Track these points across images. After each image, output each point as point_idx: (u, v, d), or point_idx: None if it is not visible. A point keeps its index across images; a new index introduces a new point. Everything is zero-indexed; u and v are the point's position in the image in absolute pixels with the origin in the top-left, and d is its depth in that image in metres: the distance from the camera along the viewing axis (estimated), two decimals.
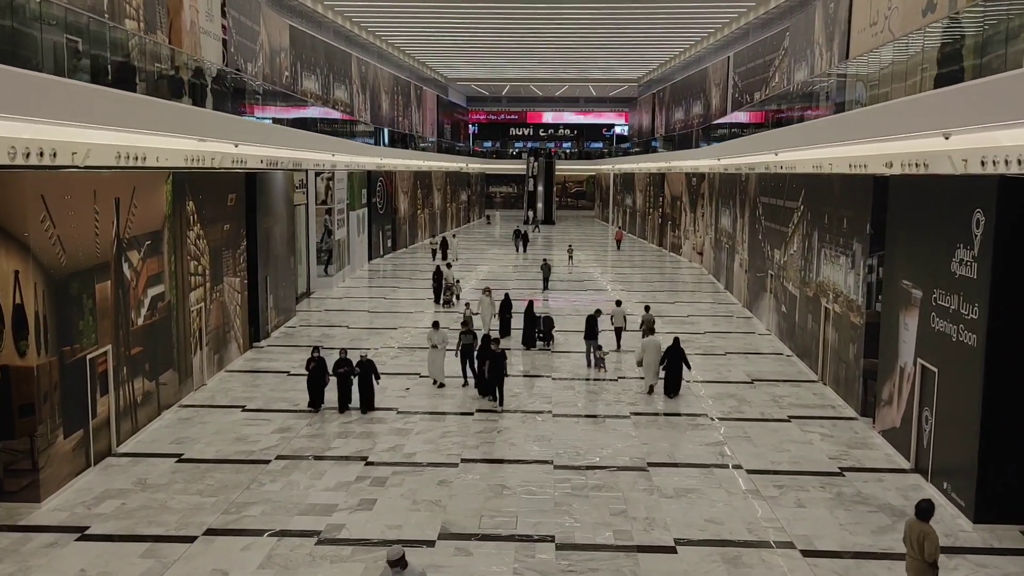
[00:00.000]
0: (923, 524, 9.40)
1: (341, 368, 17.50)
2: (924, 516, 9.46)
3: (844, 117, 19.24)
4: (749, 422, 17.08)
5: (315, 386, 17.57)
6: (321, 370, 17.53)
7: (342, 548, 11.38)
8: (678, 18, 45.48)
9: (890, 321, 15.90)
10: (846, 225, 18.57)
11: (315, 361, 17.53)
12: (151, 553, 11.14)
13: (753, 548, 11.51)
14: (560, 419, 17.14)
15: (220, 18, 30.19)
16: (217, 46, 28.20)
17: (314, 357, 17.61)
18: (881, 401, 16.19)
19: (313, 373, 17.53)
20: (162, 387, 16.92)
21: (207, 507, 12.61)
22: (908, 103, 15.16)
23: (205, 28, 27.98)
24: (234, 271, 21.49)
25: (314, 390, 17.59)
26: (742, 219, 31.57)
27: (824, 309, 20.03)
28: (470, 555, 11.21)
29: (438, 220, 61.03)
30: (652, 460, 14.83)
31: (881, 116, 16.31)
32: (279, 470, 14.18)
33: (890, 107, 16.14)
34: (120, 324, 15.07)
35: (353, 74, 48.87)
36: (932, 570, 9.36)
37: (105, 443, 14.56)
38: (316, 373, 17.53)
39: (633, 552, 11.34)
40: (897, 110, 15.48)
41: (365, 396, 17.51)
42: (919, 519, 9.46)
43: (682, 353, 18.67)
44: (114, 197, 14.81)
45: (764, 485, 13.72)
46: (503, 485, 13.64)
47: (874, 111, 17.10)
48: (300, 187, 31.61)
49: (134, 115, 15.60)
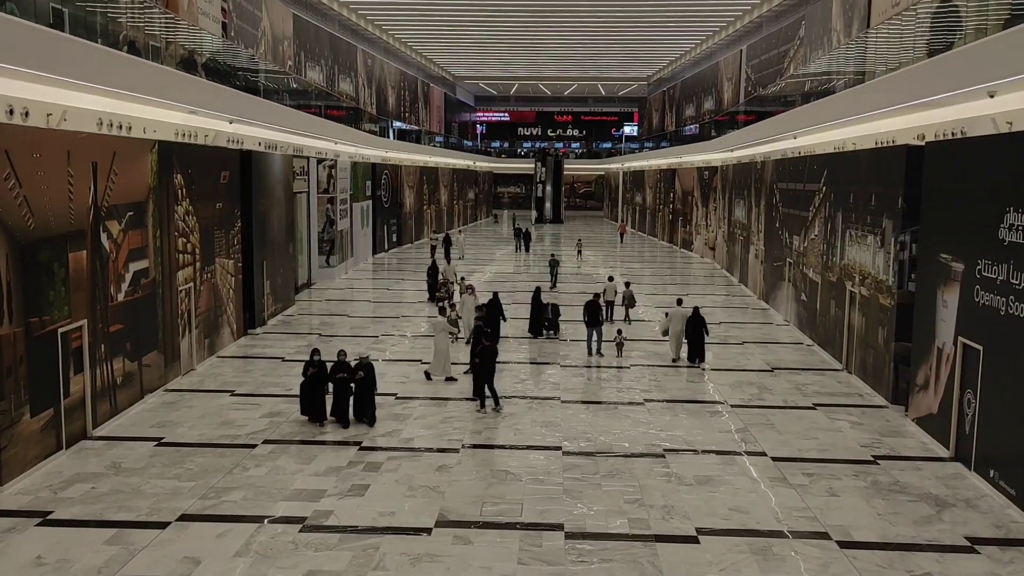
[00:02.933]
0: None
1: (340, 372, 14.71)
2: None
3: (872, 85, 18.14)
4: (772, 409, 15.94)
5: (312, 397, 14.74)
6: (320, 378, 14.75)
7: (328, 535, 10.30)
8: (690, 13, 44.44)
9: (925, 299, 14.76)
10: (874, 202, 17.43)
11: (314, 366, 14.74)
12: (117, 539, 10.08)
13: (783, 538, 10.39)
14: (569, 405, 16.04)
15: (220, 1, 29.36)
16: (216, 28, 27.30)
17: (313, 362, 14.79)
18: (915, 387, 15.04)
19: (311, 381, 14.71)
20: (145, 369, 15.87)
21: (184, 492, 11.54)
22: (948, 58, 14.04)
23: (204, 8, 27.09)
24: (227, 253, 20.46)
25: (310, 401, 14.76)
26: (757, 208, 30.43)
27: (849, 293, 18.87)
28: (470, 543, 10.12)
29: (444, 217, 60.00)
30: (669, 447, 13.71)
31: (913, 79, 15.20)
32: (265, 454, 13.11)
33: (927, 66, 15.04)
34: (97, 298, 14.04)
35: (359, 67, 47.93)
36: None
37: (79, 425, 13.52)
38: (314, 381, 14.72)
39: (651, 542, 10.23)
40: (933, 69, 14.37)
41: (365, 405, 14.68)
42: None
43: (702, 321, 19.51)
44: (91, 161, 13.80)
45: (792, 473, 12.58)
46: (507, 471, 12.54)
47: (905, 75, 15.99)
48: (301, 174, 30.61)
49: (119, 76, 14.63)
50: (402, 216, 48.15)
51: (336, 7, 42.55)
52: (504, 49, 57.42)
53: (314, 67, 40.85)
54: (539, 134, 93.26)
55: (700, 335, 19.36)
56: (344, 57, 45.14)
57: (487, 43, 55.19)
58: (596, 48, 56.44)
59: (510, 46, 56.01)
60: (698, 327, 19.35)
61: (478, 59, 62.90)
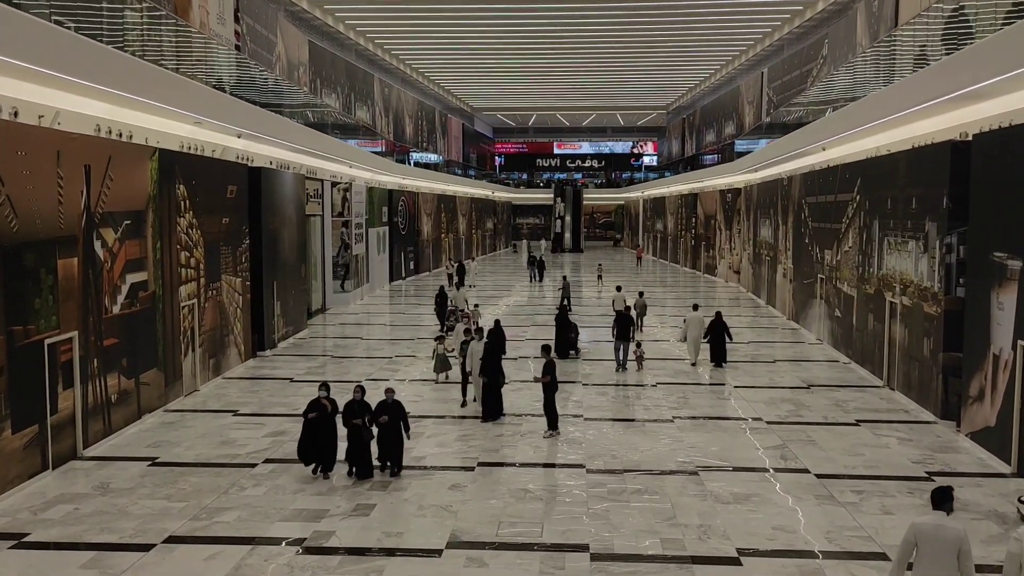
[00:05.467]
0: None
1: (356, 418, 11.79)
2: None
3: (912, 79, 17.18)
4: (811, 426, 14.79)
5: (316, 444, 11.81)
6: (328, 421, 11.91)
7: (328, 558, 9.29)
8: (709, 38, 43.75)
9: (977, 303, 13.65)
10: (915, 205, 16.38)
11: (316, 409, 11.86)
12: (95, 563, 9.13)
13: (837, 559, 9.26)
14: (593, 423, 14.98)
15: (233, 23, 29.00)
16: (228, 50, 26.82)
17: (321, 400, 11.98)
18: (969, 399, 13.87)
19: (314, 425, 11.79)
20: (143, 387, 15.01)
21: (173, 513, 10.58)
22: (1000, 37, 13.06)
23: (216, 31, 26.69)
24: (235, 270, 19.67)
25: (310, 450, 11.83)
26: (784, 226, 29.37)
27: (889, 305, 17.75)
28: (484, 566, 9.07)
29: (463, 246, 59.28)
30: (702, 463, 12.60)
31: (959, 66, 14.22)
32: (265, 474, 12.14)
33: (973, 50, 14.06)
34: (90, 309, 13.23)
35: (376, 95, 47.61)
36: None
37: (68, 444, 12.62)
38: (320, 425, 11.81)
39: (687, 563, 9.13)
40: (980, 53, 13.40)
41: (391, 450, 12.02)
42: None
43: (725, 326, 19.95)
44: (83, 164, 13.07)
45: (840, 491, 11.44)
46: (526, 489, 11.49)
47: (949, 63, 15.01)
48: (315, 196, 29.94)
49: (120, 78, 13.97)
50: (420, 244, 47.40)
51: (352, 35, 42.30)
52: (522, 80, 57.02)
53: (330, 94, 40.50)
54: (558, 165, 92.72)
55: (722, 339, 19.84)
56: (361, 85, 44.81)
57: (504, 74, 54.82)
58: (615, 78, 55.91)
59: (528, 77, 55.58)
60: (720, 332, 19.86)
61: (495, 90, 62.55)
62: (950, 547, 6.94)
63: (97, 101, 14.64)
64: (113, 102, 14.88)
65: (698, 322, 20.14)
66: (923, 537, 7.07)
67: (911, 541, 7.13)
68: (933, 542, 7.00)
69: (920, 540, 7.07)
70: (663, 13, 37.57)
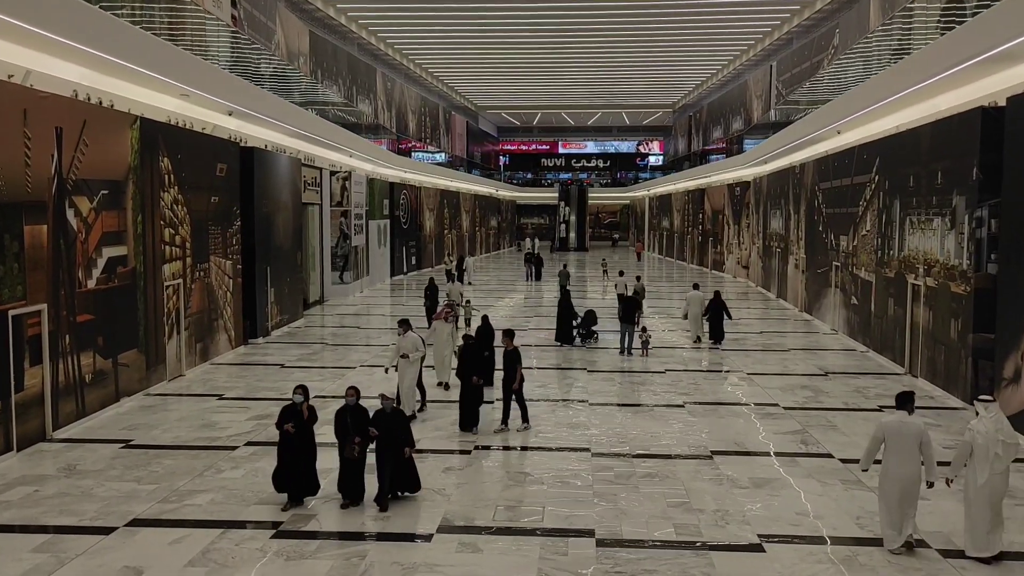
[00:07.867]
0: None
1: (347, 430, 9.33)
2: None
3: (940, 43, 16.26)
4: (832, 411, 13.87)
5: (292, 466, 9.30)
6: (303, 435, 9.35)
7: (305, 542, 8.40)
8: (717, 33, 42.82)
9: (1012, 280, 12.72)
10: (941, 179, 15.46)
11: (294, 414, 9.28)
12: (48, 546, 8.25)
13: (869, 546, 8.35)
14: (599, 407, 14.06)
15: (230, 7, 28.19)
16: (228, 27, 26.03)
17: (295, 405, 9.35)
18: (1002, 381, 12.93)
19: (288, 443, 9.30)
20: (122, 368, 14.14)
21: (141, 495, 9.71)
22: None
23: (211, 11, 25.88)
24: (224, 252, 18.80)
25: (285, 476, 9.33)
26: (797, 215, 28.42)
27: (911, 287, 16.81)
28: (479, 551, 8.17)
29: (466, 243, 58.39)
30: (716, 448, 11.69)
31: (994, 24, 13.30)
32: (245, 456, 11.26)
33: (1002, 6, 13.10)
34: (61, 281, 12.37)
35: (378, 90, 46.75)
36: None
37: (36, 424, 11.76)
38: (294, 443, 9.28)
39: (703, 551, 8.22)
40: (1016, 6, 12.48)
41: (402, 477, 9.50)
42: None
43: (723, 304, 20.22)
44: (54, 125, 12.22)
45: (867, 475, 10.51)
46: (526, 473, 10.61)
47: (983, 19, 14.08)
48: (313, 185, 29.08)
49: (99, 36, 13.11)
50: (422, 239, 46.54)
51: (355, 28, 41.49)
52: (526, 78, 56.15)
53: (331, 86, 39.68)
54: (562, 164, 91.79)
55: (720, 317, 20.11)
56: (363, 78, 43.96)
57: (509, 72, 53.94)
58: (620, 76, 55.00)
59: (532, 75, 54.71)
60: (718, 310, 20.11)
61: (499, 88, 61.70)
62: (913, 439, 8.14)
63: (75, 65, 13.83)
64: (92, 66, 14.06)
65: (698, 300, 20.65)
66: (889, 432, 8.22)
67: (879, 437, 8.30)
68: (898, 436, 8.16)
69: (887, 435, 8.23)
70: (669, 9, 36.73)
